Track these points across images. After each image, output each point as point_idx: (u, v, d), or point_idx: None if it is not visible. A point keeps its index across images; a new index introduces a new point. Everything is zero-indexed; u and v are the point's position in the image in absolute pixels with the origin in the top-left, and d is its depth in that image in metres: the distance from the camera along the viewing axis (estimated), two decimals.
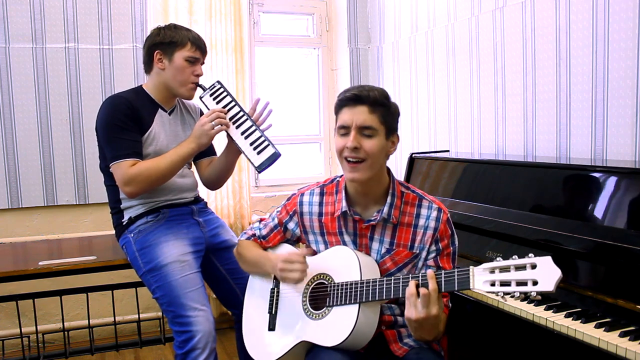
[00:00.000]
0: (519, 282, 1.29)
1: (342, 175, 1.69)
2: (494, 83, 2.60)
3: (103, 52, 3.18)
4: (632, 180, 1.66)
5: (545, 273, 1.27)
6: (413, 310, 1.41)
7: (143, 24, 3.23)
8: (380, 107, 1.54)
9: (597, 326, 1.48)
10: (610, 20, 2.03)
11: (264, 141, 2.07)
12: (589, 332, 1.46)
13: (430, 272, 1.42)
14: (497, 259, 1.34)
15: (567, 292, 1.66)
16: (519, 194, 2.00)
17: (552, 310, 1.61)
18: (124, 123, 2.00)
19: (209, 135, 2.07)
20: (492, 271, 1.34)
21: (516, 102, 2.48)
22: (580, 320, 1.52)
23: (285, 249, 1.80)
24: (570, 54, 2.20)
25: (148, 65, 2.14)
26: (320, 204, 1.71)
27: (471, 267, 1.38)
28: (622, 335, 1.42)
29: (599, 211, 1.72)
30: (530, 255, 1.30)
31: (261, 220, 1.88)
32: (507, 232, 1.92)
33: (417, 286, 1.42)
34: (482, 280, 1.34)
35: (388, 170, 1.66)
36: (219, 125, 2.07)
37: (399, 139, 1.63)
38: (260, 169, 2.07)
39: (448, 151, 2.89)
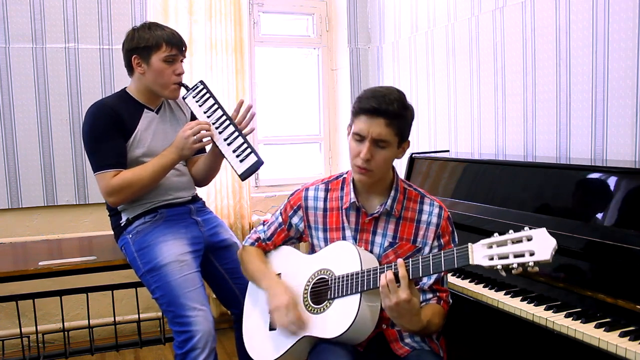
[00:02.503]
0: (517, 254, 1.32)
1: (347, 171, 1.72)
2: (494, 83, 2.60)
3: (103, 52, 3.18)
4: (632, 180, 1.66)
5: (541, 243, 1.29)
6: (386, 299, 1.45)
7: None
8: (397, 120, 1.55)
9: (597, 326, 1.48)
10: (610, 20, 2.03)
11: (246, 148, 2.02)
12: (589, 332, 1.46)
13: (400, 260, 1.46)
14: (495, 234, 1.37)
15: (567, 292, 1.66)
16: (519, 194, 2.00)
17: (552, 310, 1.61)
18: (106, 132, 1.99)
19: (192, 149, 2.03)
20: (490, 246, 1.37)
21: (516, 102, 2.48)
22: (580, 320, 1.52)
23: (287, 253, 1.80)
24: (570, 54, 2.20)
25: (129, 69, 2.11)
26: (325, 199, 1.73)
27: (469, 243, 1.41)
28: (622, 335, 1.42)
29: (599, 211, 1.72)
30: (525, 228, 1.34)
31: (264, 222, 1.88)
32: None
33: (386, 277, 1.45)
34: (480, 255, 1.38)
35: (392, 166, 1.68)
36: (202, 140, 2.03)
37: (410, 144, 1.65)
38: (243, 177, 2.03)
39: (448, 151, 2.89)
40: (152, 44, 2.02)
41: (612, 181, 1.73)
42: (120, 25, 3.20)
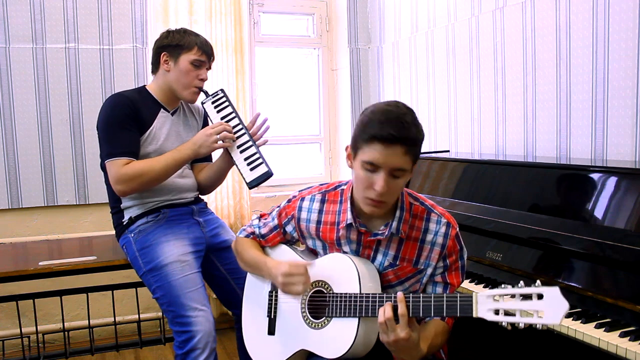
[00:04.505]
0: (524, 312, 1.25)
1: (347, 182, 1.63)
2: (494, 83, 2.60)
3: (103, 52, 3.17)
4: (632, 180, 1.66)
5: (552, 305, 1.22)
6: (384, 336, 1.38)
7: (143, 24, 3.23)
8: (415, 146, 1.40)
9: (597, 326, 1.48)
10: (610, 21, 2.03)
11: (258, 158, 2.10)
12: (589, 332, 1.46)
13: (400, 295, 1.37)
14: (503, 285, 1.30)
15: (567, 292, 1.65)
16: (519, 194, 2.00)
17: None
18: (124, 122, 2.01)
19: (210, 148, 2.08)
20: (497, 299, 1.29)
21: (516, 102, 2.48)
22: (580, 321, 1.52)
23: (284, 251, 1.77)
24: (570, 54, 2.20)
25: (155, 66, 2.16)
26: (320, 211, 1.64)
27: (474, 293, 1.33)
28: (622, 335, 1.42)
29: (599, 211, 1.72)
30: (537, 283, 1.26)
31: (261, 216, 1.81)
32: (507, 232, 1.92)
33: (385, 315, 1.37)
34: (485, 308, 1.30)
35: None
36: (224, 141, 2.08)
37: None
38: (252, 185, 2.11)
39: (448, 151, 2.89)
40: (184, 44, 2.09)
41: (612, 181, 1.73)
42: (120, 25, 3.20)
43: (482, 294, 1.31)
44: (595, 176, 1.79)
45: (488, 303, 1.29)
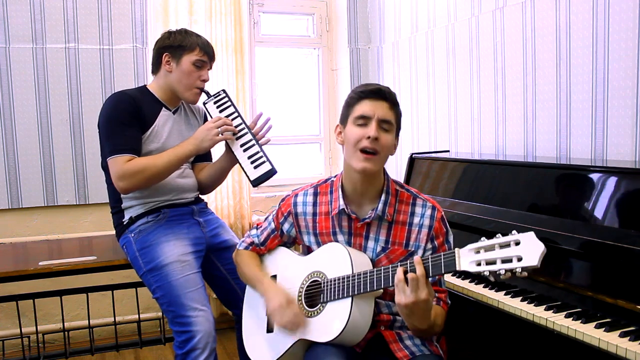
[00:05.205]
0: (504, 259, 1.31)
1: (336, 175, 1.71)
2: (494, 83, 2.60)
3: (103, 52, 3.17)
4: (632, 180, 1.66)
5: (529, 248, 1.28)
6: (402, 296, 1.42)
7: (143, 24, 3.23)
8: (396, 107, 1.61)
9: (597, 326, 1.48)
10: (610, 21, 2.03)
11: (261, 156, 2.12)
12: (589, 332, 1.46)
13: (417, 258, 1.44)
14: (482, 238, 1.36)
15: (567, 292, 1.66)
16: (519, 194, 2.00)
17: (552, 311, 1.61)
18: (125, 119, 2.02)
19: (212, 141, 2.08)
20: (478, 251, 1.36)
21: (516, 102, 2.48)
22: (580, 321, 1.52)
23: (282, 253, 1.81)
24: (570, 54, 2.20)
25: (156, 67, 2.16)
26: (314, 204, 1.72)
27: (456, 248, 1.40)
28: (622, 335, 1.42)
29: (599, 211, 1.72)
30: (513, 232, 1.32)
31: (257, 225, 1.88)
32: (507, 232, 1.91)
33: (405, 272, 1.43)
34: (467, 261, 1.36)
35: (383, 169, 1.67)
36: (224, 134, 2.09)
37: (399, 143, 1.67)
38: (256, 183, 2.12)
39: (448, 151, 2.89)
40: (186, 45, 2.09)
41: (612, 181, 1.73)
42: (120, 25, 3.20)
43: (464, 249, 1.38)
44: (595, 176, 1.79)
45: (470, 256, 1.37)
